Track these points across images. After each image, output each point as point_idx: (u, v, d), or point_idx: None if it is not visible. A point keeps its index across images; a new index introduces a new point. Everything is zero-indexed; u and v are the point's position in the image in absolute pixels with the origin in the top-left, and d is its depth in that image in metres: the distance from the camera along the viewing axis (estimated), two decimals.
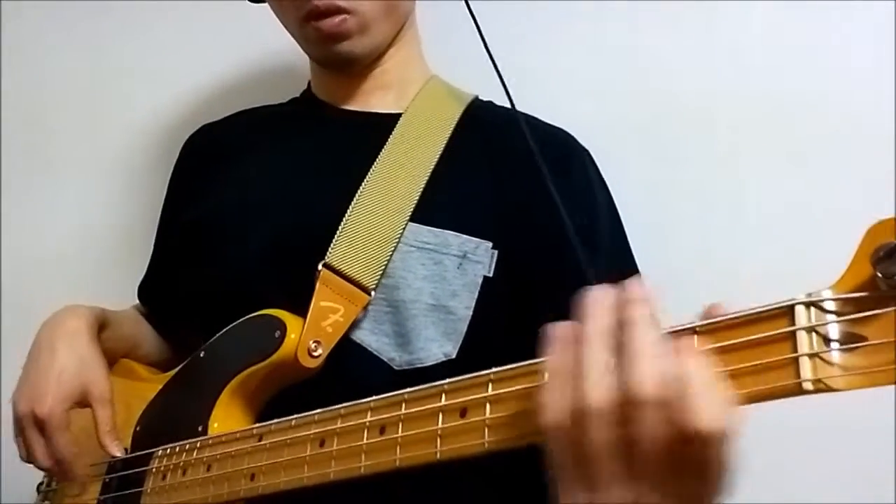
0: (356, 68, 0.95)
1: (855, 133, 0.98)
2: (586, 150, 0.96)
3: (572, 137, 0.96)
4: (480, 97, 0.99)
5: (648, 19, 1.07)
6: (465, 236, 0.84)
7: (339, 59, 0.92)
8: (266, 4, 0.97)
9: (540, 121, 0.96)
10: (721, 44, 1.05)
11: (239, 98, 1.12)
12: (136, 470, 0.84)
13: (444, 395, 0.61)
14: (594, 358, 0.47)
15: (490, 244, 0.84)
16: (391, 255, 0.83)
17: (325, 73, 0.99)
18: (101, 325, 0.93)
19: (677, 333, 0.48)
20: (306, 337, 0.79)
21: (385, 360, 0.82)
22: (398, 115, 0.92)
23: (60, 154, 1.33)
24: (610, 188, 0.96)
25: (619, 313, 0.47)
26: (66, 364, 0.86)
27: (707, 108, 1.05)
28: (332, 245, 0.83)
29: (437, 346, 0.82)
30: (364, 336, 0.82)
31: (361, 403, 0.66)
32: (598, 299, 0.49)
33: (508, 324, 0.82)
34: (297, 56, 1.01)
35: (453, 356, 0.82)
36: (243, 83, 1.24)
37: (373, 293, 0.82)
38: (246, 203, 0.92)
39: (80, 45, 1.32)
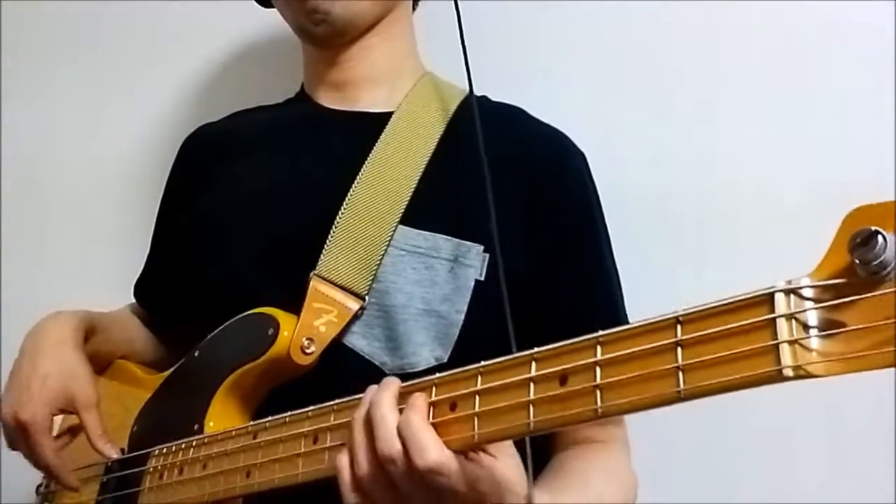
0: (337, 42, 0.93)
1: (854, 133, 0.98)
2: (581, 153, 0.95)
3: (568, 139, 0.95)
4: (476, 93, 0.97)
5: (650, 19, 1.08)
6: (456, 240, 0.84)
7: (317, 22, 0.90)
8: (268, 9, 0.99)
9: (536, 119, 0.96)
10: (721, 44, 1.05)
11: (237, 98, 1.12)
12: (134, 470, 0.85)
13: (434, 389, 0.61)
14: (358, 439, 0.62)
15: (482, 247, 0.83)
16: (381, 260, 0.82)
17: (313, 62, 0.99)
18: (88, 330, 0.93)
19: (410, 393, 0.62)
20: (299, 334, 0.79)
21: (377, 364, 0.82)
22: (390, 114, 0.91)
23: (60, 154, 1.33)
24: (610, 188, 0.95)
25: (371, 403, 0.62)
26: (50, 371, 0.86)
27: (707, 107, 1.05)
28: (322, 254, 0.83)
29: (429, 350, 0.82)
30: (356, 340, 0.82)
31: (353, 400, 0.66)
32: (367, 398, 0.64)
33: (500, 328, 0.78)
34: (295, 55, 1.02)
35: (444, 360, 0.81)
36: (241, 83, 1.25)
37: (366, 298, 0.82)
38: (241, 205, 0.92)
39: (80, 44, 1.33)
